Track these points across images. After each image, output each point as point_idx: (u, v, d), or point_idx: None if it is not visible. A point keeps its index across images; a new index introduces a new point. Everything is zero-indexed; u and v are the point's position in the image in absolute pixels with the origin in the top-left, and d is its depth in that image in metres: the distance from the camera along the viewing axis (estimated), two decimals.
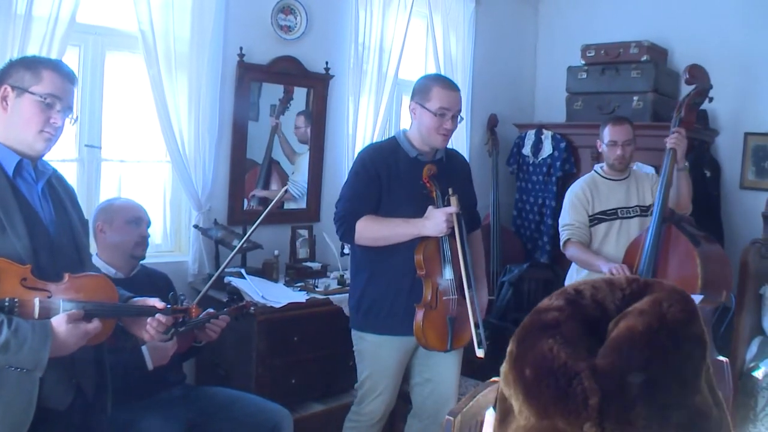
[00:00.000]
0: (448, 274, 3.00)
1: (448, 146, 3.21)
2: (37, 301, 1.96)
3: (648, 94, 4.94)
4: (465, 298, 2.92)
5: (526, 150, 5.50)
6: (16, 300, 1.91)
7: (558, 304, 0.81)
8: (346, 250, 3.98)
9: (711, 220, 4.82)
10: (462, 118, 3.13)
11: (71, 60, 3.40)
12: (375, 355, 3.12)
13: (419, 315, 2.98)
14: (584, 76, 5.30)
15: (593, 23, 5.68)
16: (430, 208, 2.95)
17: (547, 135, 5.39)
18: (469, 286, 2.92)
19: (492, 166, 5.49)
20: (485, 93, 5.59)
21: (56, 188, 2.21)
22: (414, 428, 3.25)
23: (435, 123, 2.99)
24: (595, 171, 3.90)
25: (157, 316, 2.23)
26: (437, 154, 3.13)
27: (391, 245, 2.99)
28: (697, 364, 0.74)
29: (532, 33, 6.18)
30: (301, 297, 3.66)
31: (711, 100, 3.64)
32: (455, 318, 2.99)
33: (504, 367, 0.80)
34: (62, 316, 1.98)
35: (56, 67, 2.14)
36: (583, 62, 5.33)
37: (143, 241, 3.00)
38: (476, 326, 2.87)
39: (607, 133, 3.76)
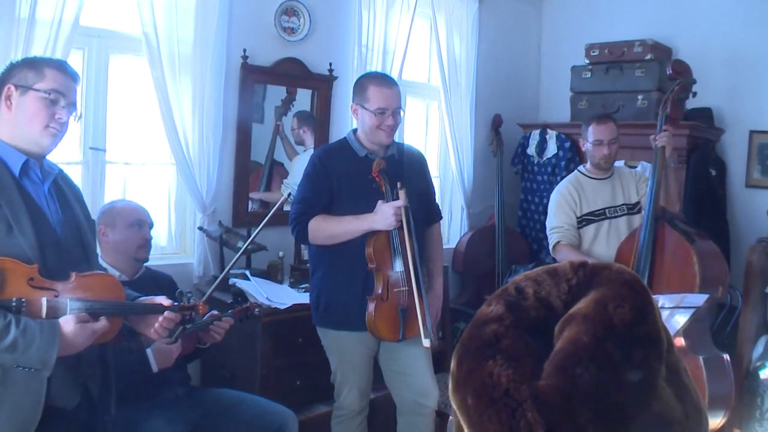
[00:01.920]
0: (398, 266, 3.05)
1: (404, 143, 3.31)
2: (44, 300, 1.98)
3: (652, 93, 4.92)
4: (414, 289, 2.97)
5: (531, 150, 5.49)
6: (23, 300, 1.93)
7: (497, 312, 0.73)
8: None
9: (716, 219, 4.81)
10: (403, 112, 3.21)
11: (75, 63, 3.38)
12: (339, 349, 3.21)
13: (371, 307, 3.04)
14: (588, 75, 5.28)
15: (597, 22, 5.67)
16: (379, 202, 3.00)
17: (551, 135, 5.38)
18: (417, 278, 2.96)
19: (497, 166, 5.48)
20: (489, 93, 5.58)
21: (62, 188, 2.23)
22: (400, 424, 3.29)
23: (376, 121, 3.07)
24: (579, 171, 3.88)
25: (166, 313, 2.24)
26: (388, 151, 3.18)
27: (343, 242, 3.05)
28: (653, 368, 0.67)
29: (535, 32, 6.17)
30: (305, 298, 3.64)
31: (695, 94, 3.63)
32: (407, 309, 3.03)
33: (449, 386, 0.74)
34: (71, 316, 1.99)
35: (59, 65, 2.17)
36: (587, 61, 5.31)
37: (146, 244, 3.01)
38: (423, 317, 2.92)
39: (592, 131, 3.73)
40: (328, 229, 3.05)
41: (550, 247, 3.77)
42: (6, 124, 2.09)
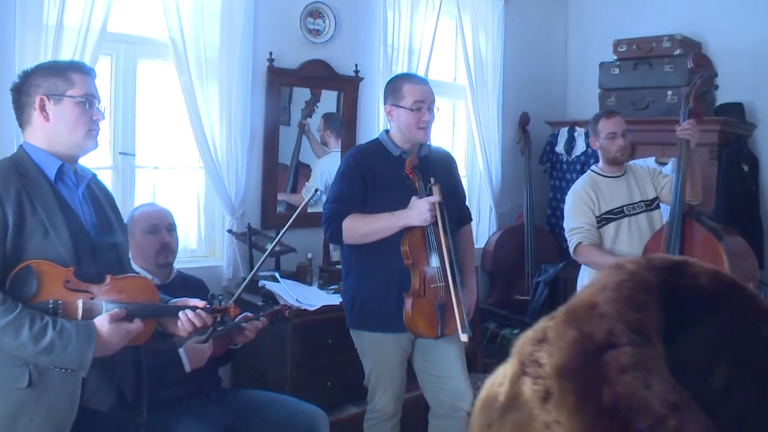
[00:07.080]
0: (434, 262, 3.03)
1: (431, 144, 3.26)
2: (80, 302, 2.01)
3: (682, 88, 4.84)
4: (450, 284, 2.95)
5: (559, 148, 5.46)
6: (60, 302, 1.97)
7: None
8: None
9: (749, 215, 4.74)
10: (438, 109, 3.17)
11: (103, 69, 3.45)
12: (375, 351, 3.17)
13: (408, 303, 3.01)
14: (616, 71, 5.24)
15: (624, 18, 5.60)
16: (413, 198, 2.98)
17: (580, 132, 5.34)
18: (453, 273, 2.94)
19: (525, 164, 5.44)
20: (516, 91, 5.55)
21: (95, 192, 2.27)
22: (433, 427, 3.27)
23: (413, 118, 3.05)
24: (592, 171, 3.80)
25: (197, 310, 2.26)
26: (421, 151, 3.17)
27: (377, 242, 3.02)
28: None
29: (562, 29, 6.12)
30: (335, 299, 3.66)
31: (717, 88, 3.58)
32: (444, 304, 3.01)
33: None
34: (105, 316, 2.02)
35: (81, 68, 2.21)
36: (615, 57, 5.26)
37: (164, 248, 2.99)
38: (461, 312, 2.88)
39: (603, 126, 3.69)
40: (362, 227, 3.04)
41: (571, 250, 3.64)
42: (42, 133, 2.11)
